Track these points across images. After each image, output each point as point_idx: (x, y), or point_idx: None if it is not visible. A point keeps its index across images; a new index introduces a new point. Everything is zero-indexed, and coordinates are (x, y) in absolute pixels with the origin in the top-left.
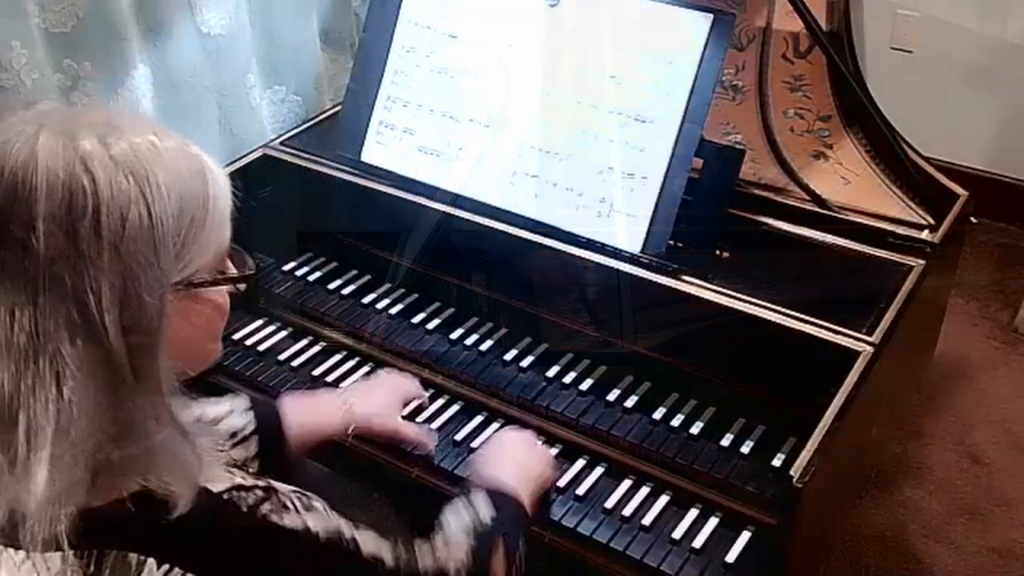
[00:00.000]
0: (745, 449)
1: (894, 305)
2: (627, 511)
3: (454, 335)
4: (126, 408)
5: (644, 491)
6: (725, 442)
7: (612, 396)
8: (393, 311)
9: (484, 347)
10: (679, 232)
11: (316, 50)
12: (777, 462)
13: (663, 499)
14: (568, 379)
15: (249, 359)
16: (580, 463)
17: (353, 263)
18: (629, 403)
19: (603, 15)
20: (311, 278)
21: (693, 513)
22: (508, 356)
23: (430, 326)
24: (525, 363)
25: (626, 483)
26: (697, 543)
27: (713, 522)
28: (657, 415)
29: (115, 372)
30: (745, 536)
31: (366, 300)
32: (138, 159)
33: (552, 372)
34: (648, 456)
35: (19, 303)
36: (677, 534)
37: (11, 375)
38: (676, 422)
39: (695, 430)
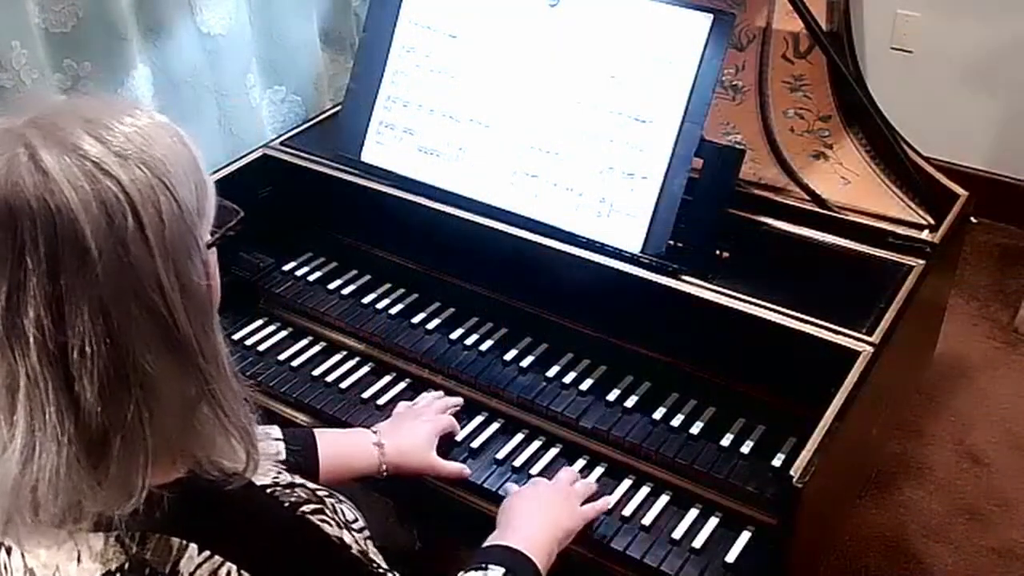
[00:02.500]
0: (745, 449)
1: (894, 305)
2: (627, 511)
3: (454, 335)
4: (194, 391)
5: (644, 491)
6: (725, 442)
7: (612, 396)
8: (393, 311)
9: (484, 347)
10: (679, 232)
11: (316, 50)
12: (777, 462)
13: (663, 499)
14: (568, 379)
15: (249, 359)
16: (580, 463)
17: (353, 263)
18: (629, 403)
19: (603, 15)
20: (311, 278)
21: (693, 513)
22: (508, 356)
23: (430, 326)
24: (525, 363)
25: (626, 483)
26: (697, 543)
27: (713, 522)
28: (657, 415)
29: (187, 356)
30: (745, 536)
31: (366, 300)
32: (137, 146)
33: (552, 372)
34: (648, 456)
35: (92, 323)
36: (677, 534)
37: (100, 397)
38: (676, 422)
39: (695, 430)
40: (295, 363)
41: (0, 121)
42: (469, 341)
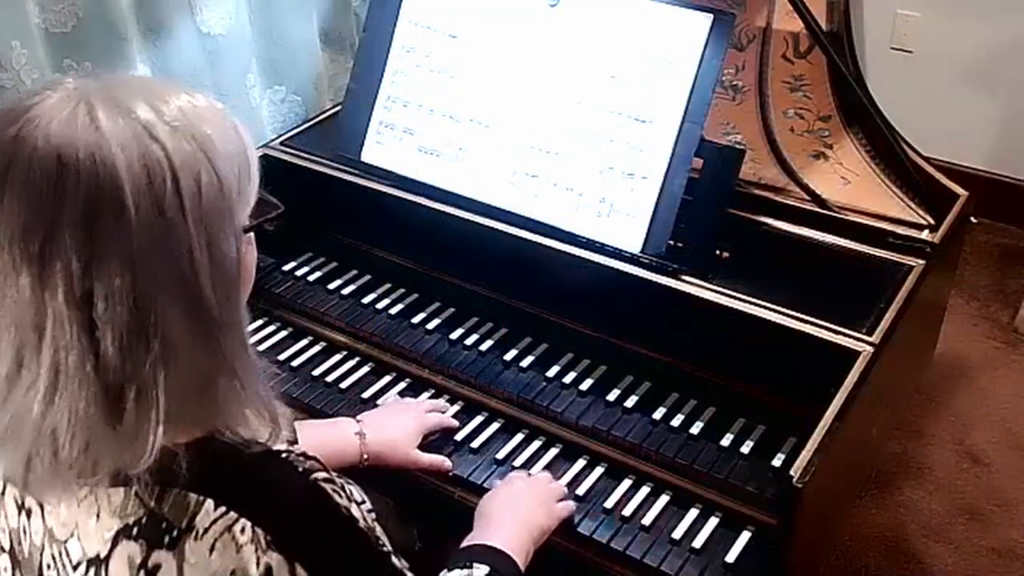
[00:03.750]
0: (745, 449)
1: (894, 305)
2: (627, 511)
3: (454, 335)
4: (214, 362)
5: (644, 491)
6: (725, 442)
7: (612, 396)
8: (393, 311)
9: (484, 347)
10: (679, 232)
11: (316, 50)
12: (777, 462)
13: (663, 499)
14: (568, 379)
15: None
16: (580, 463)
17: (353, 263)
18: (629, 403)
19: (603, 15)
20: (311, 278)
21: (693, 513)
22: (508, 356)
23: (430, 326)
24: (525, 363)
25: (626, 483)
26: (697, 543)
27: (713, 522)
28: (657, 415)
29: (208, 326)
30: (745, 536)
31: (366, 300)
32: (190, 121)
33: (552, 372)
34: (648, 456)
35: (120, 276)
36: (677, 534)
37: (119, 349)
38: (676, 422)
39: (695, 430)
40: (295, 363)
41: (70, 81)
42: (469, 341)
